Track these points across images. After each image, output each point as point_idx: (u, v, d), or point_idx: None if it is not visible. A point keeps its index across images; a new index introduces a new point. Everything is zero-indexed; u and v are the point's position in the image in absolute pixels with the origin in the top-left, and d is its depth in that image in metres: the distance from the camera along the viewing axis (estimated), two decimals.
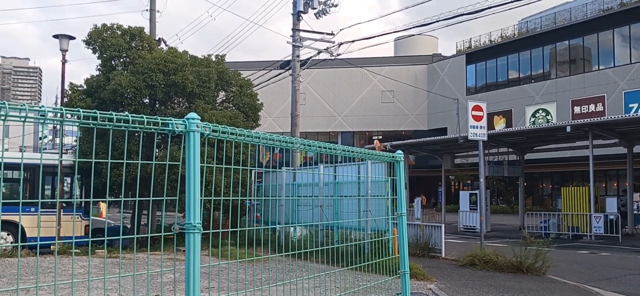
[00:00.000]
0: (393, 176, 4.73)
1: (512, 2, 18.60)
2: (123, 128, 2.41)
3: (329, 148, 3.97)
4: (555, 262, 12.74)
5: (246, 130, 3.06)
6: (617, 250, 18.25)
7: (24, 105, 2.37)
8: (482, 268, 13.03)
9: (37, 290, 3.04)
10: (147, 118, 2.48)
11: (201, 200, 3.84)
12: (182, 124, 2.63)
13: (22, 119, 2.41)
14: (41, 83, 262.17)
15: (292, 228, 14.66)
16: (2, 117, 2.33)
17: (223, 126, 2.86)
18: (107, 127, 2.33)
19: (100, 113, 2.35)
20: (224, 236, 14.13)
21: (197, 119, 2.67)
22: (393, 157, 4.53)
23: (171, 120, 2.59)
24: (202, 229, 2.69)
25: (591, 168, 22.42)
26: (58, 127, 19.74)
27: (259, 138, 3.13)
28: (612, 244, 20.09)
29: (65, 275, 11.50)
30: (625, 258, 16.37)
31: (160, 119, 2.56)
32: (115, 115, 2.34)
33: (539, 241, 13.00)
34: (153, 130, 2.53)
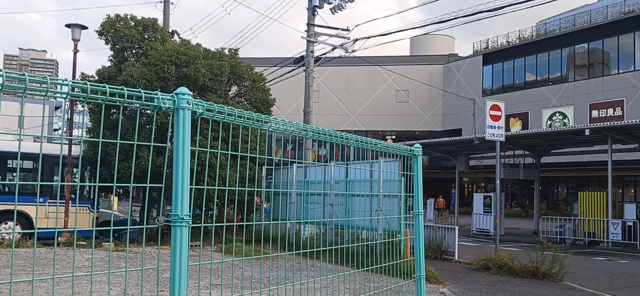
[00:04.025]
0: (410, 172, 4.41)
1: (531, 0, 18.15)
2: (100, 101, 2.12)
3: (342, 138, 3.66)
4: (572, 268, 12.35)
5: (247, 112, 2.74)
6: (636, 258, 17.74)
7: (45, 76, 2.14)
8: (496, 273, 12.66)
9: (33, 284, 2.77)
10: (128, 90, 2.18)
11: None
12: (170, 99, 2.30)
13: (43, 93, 2.17)
14: (58, 75, 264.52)
15: (301, 226, 14.39)
16: (22, 91, 2.09)
17: (219, 105, 2.54)
18: (81, 99, 2.05)
19: (72, 83, 2.06)
20: (232, 232, 13.87)
21: (188, 95, 2.35)
22: (410, 151, 4.20)
23: (157, 94, 2.27)
24: (191, 222, 2.38)
25: (610, 173, 21.90)
26: (72, 118, 19.42)
27: (260, 121, 2.80)
28: (630, 251, 19.56)
29: (70, 267, 11.30)
30: None
31: (144, 93, 2.25)
32: (90, 85, 2.05)
33: (555, 247, 12.60)
34: (136, 105, 2.23)
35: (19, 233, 15.38)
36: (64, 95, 2.04)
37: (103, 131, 17.34)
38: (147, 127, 17.81)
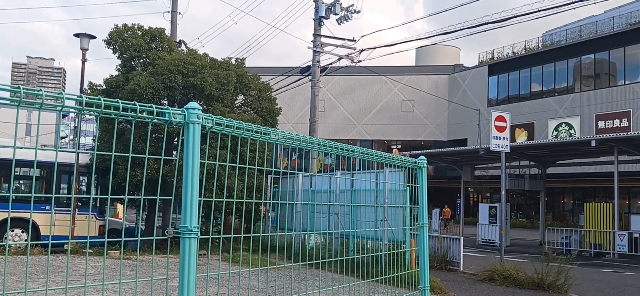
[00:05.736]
0: (414, 183, 4.45)
1: (537, 11, 18.21)
2: (112, 116, 2.19)
3: (347, 150, 3.72)
4: (577, 280, 12.31)
5: (255, 125, 2.80)
6: None
7: (61, 92, 2.24)
8: (501, 284, 12.64)
9: (47, 289, 2.83)
10: (140, 106, 2.25)
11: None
12: (180, 114, 2.37)
13: (58, 109, 2.27)
14: (65, 83, 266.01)
15: (306, 236, 14.40)
16: (38, 105, 2.18)
17: (228, 119, 2.60)
18: (95, 113, 2.12)
19: (87, 98, 2.13)
20: (237, 241, 13.90)
21: (198, 110, 2.42)
22: (415, 162, 4.25)
23: (168, 109, 2.35)
24: (199, 234, 2.44)
25: (616, 185, 21.82)
26: (78, 126, 19.58)
27: (268, 134, 2.87)
28: (637, 263, 19.47)
29: (77, 274, 11.38)
30: None
31: (156, 108, 2.32)
32: (104, 100, 2.12)
33: (561, 258, 12.57)
34: (147, 120, 2.29)
35: (27, 241, 15.47)
36: (77, 110, 2.11)
37: (110, 139, 17.46)
38: (155, 135, 17.91)
